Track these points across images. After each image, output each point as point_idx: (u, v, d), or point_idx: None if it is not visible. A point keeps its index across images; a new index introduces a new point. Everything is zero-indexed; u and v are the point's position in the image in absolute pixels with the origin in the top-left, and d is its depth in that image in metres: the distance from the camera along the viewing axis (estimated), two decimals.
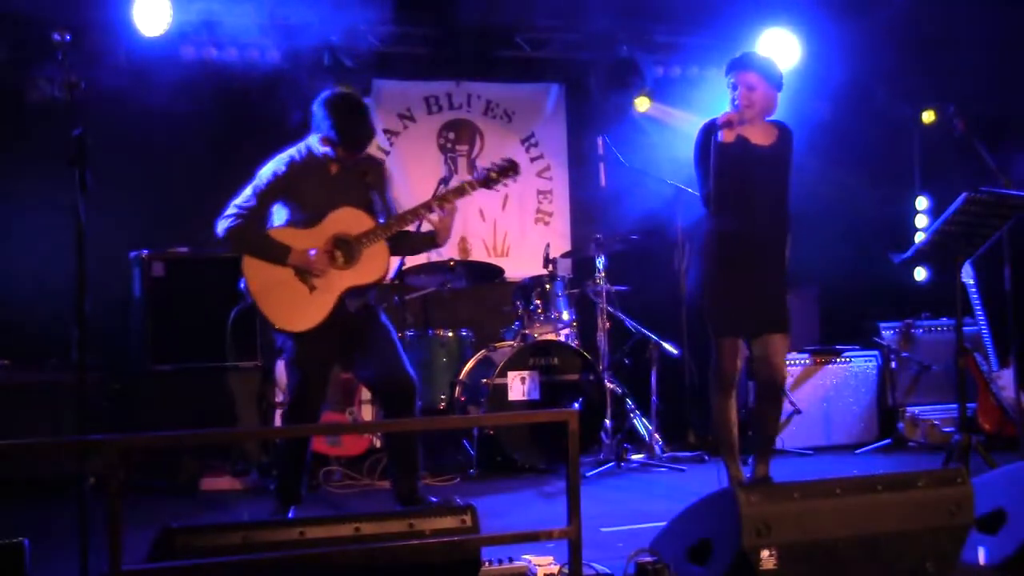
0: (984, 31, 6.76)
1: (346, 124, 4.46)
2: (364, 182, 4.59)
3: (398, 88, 7.74)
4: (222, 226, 4.49)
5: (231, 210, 4.50)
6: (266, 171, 4.55)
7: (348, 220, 4.51)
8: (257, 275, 4.46)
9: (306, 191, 4.51)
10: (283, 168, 4.53)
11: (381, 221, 4.56)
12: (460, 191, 4.61)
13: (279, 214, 4.56)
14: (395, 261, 5.79)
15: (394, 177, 4.89)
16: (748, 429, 6.45)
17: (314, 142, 4.55)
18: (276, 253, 4.44)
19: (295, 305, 4.44)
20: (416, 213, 4.56)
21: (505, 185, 4.74)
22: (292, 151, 4.60)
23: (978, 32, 6.79)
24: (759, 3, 7.09)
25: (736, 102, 4.81)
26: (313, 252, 4.43)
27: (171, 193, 6.87)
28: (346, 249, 4.49)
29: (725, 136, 4.75)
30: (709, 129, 4.86)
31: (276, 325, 4.45)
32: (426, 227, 4.80)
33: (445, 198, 4.58)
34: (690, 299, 4.97)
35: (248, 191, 4.53)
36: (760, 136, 4.86)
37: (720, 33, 7.34)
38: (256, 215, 4.50)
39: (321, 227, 4.50)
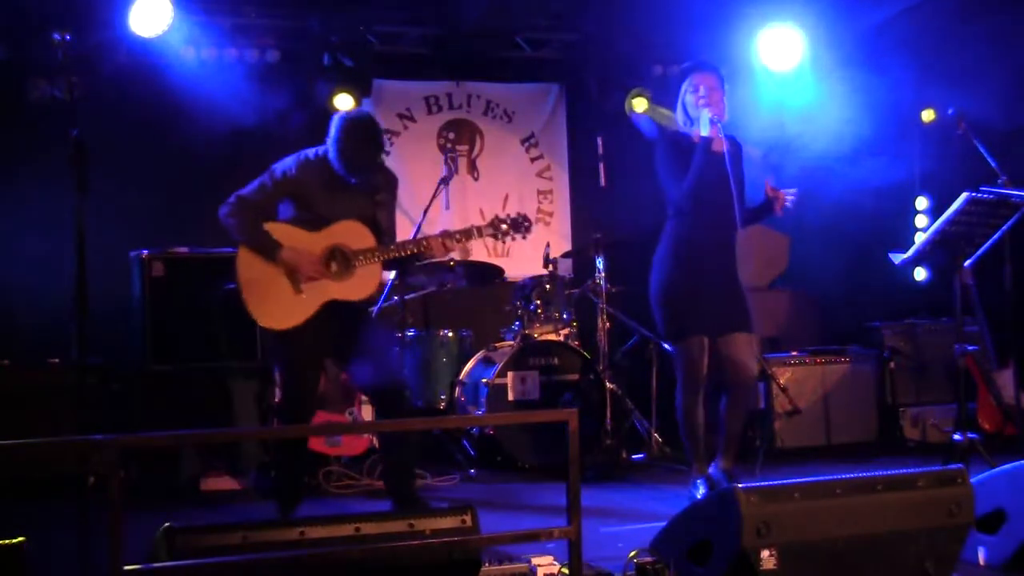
0: (991, 34, 6.75)
1: (347, 147, 4.47)
2: (374, 199, 4.61)
3: (398, 88, 7.74)
4: (223, 211, 4.52)
5: (234, 198, 4.52)
6: (278, 168, 4.57)
7: (351, 233, 4.53)
8: (248, 267, 4.48)
9: (314, 195, 4.52)
10: (294, 170, 4.54)
11: (383, 241, 4.57)
12: (468, 234, 4.65)
13: (286, 210, 4.57)
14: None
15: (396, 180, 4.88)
16: (747, 430, 6.50)
17: (330, 145, 4.56)
18: (268, 247, 4.45)
19: (276, 302, 4.45)
20: (419, 245, 4.58)
21: (513, 239, 4.82)
22: (310, 152, 4.61)
23: (986, 35, 6.78)
24: (758, 3, 7.08)
25: (704, 99, 4.88)
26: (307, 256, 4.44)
27: (171, 193, 6.87)
28: (342, 261, 4.51)
29: (699, 135, 4.83)
30: (675, 133, 4.99)
31: (254, 319, 4.49)
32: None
33: (452, 238, 4.59)
34: (655, 298, 4.98)
35: (256, 183, 4.55)
36: (716, 140, 4.91)
37: (719, 32, 7.33)
38: (259, 207, 4.51)
39: (323, 233, 4.51)
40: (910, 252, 5.09)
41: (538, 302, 6.41)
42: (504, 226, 4.72)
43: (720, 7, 6.95)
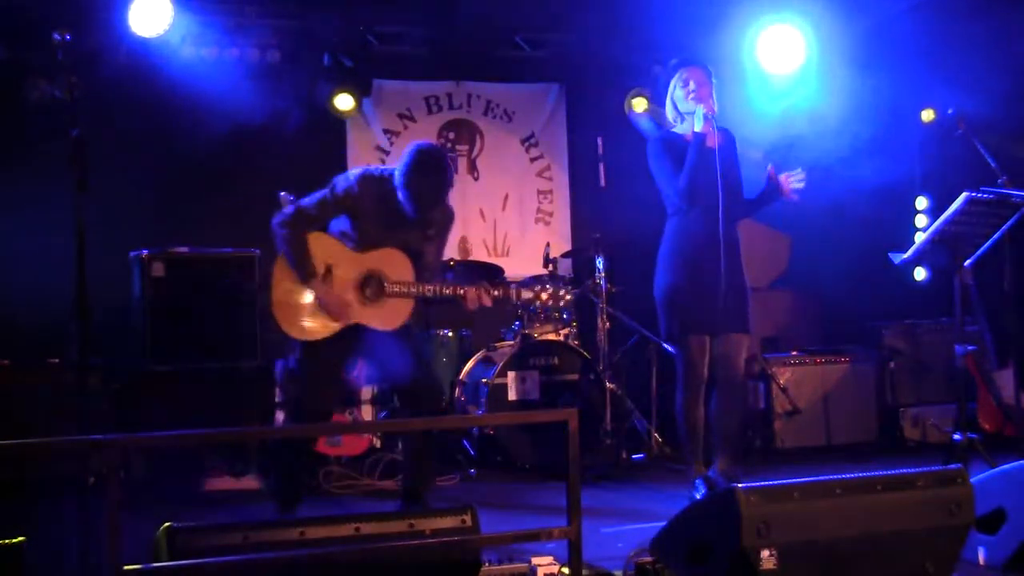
0: (992, 34, 6.75)
1: (415, 180, 4.37)
2: (426, 233, 4.58)
3: (398, 88, 7.74)
4: (277, 219, 4.49)
5: (292, 208, 4.50)
6: (340, 184, 4.52)
7: (393, 262, 4.52)
8: (284, 275, 4.48)
9: (369, 216, 4.49)
10: (356, 188, 4.48)
11: (423, 276, 4.55)
12: (507, 291, 4.66)
13: (339, 223, 4.56)
14: None
15: None
16: (748, 429, 6.50)
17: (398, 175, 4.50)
18: (304, 271, 4.43)
19: (302, 313, 4.46)
20: (455, 291, 4.57)
21: (551, 302, 4.84)
22: (374, 169, 4.58)
23: (986, 35, 6.78)
24: (758, 2, 7.08)
25: (694, 94, 4.87)
26: (329, 297, 4.45)
27: (171, 193, 6.87)
28: (376, 288, 4.49)
29: (692, 132, 4.82)
30: (668, 132, 5.00)
31: (279, 325, 4.47)
32: None
33: (488, 293, 4.59)
34: (658, 299, 4.97)
35: (318, 197, 4.51)
36: (710, 135, 4.88)
37: (719, 32, 7.33)
38: (315, 221, 4.50)
39: (366, 256, 4.50)
40: (910, 252, 5.10)
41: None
42: (544, 295, 4.75)
43: (720, 7, 6.95)
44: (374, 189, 4.49)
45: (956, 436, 4.93)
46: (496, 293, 4.62)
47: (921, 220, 8.00)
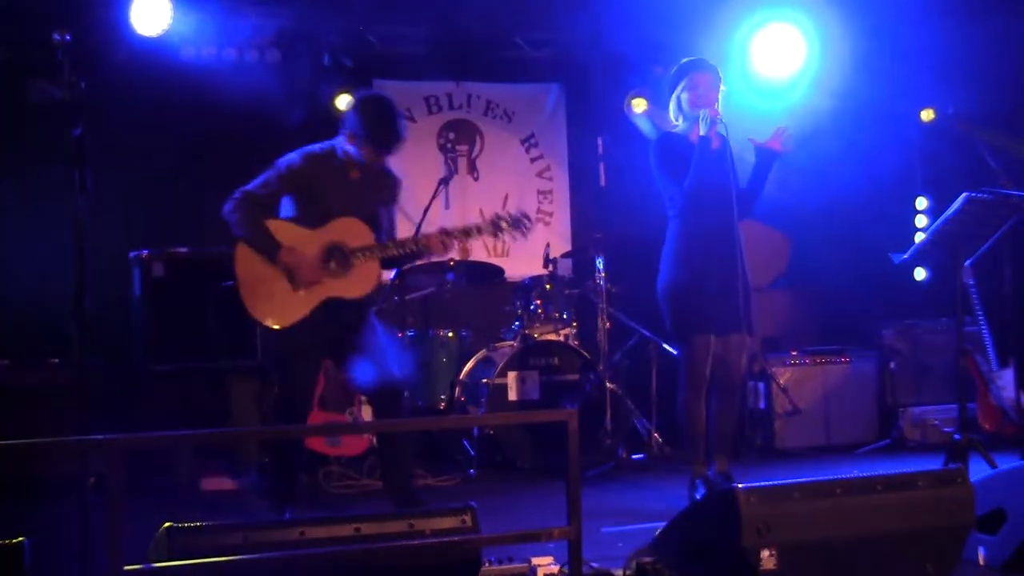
0: (992, 34, 6.75)
1: (377, 123, 4.45)
2: (377, 196, 4.60)
3: (398, 88, 7.72)
4: (227, 206, 4.50)
5: (239, 193, 4.50)
6: (283, 162, 4.55)
7: (350, 230, 4.51)
8: (247, 264, 4.45)
9: (318, 190, 4.50)
10: (299, 161, 4.52)
11: (382, 239, 4.56)
12: (466, 232, 4.61)
13: (287, 208, 4.55)
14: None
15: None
16: (745, 430, 6.50)
17: (340, 142, 4.54)
18: (268, 247, 4.42)
19: (274, 300, 4.43)
20: (417, 243, 4.57)
21: (514, 239, 4.77)
22: (316, 146, 4.60)
23: (986, 34, 6.77)
24: (759, 3, 7.09)
25: (703, 98, 4.88)
26: (306, 258, 4.42)
27: (171, 193, 6.87)
28: (340, 258, 4.48)
29: (696, 133, 4.82)
30: (670, 134, 4.99)
31: (253, 315, 4.45)
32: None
33: (450, 236, 4.57)
34: (663, 298, 4.95)
35: (261, 178, 4.53)
36: (715, 138, 4.90)
37: (720, 32, 7.34)
38: (263, 202, 4.50)
39: (322, 230, 4.49)
40: (909, 252, 5.10)
41: (538, 302, 6.41)
42: (504, 223, 4.66)
43: (720, 8, 6.96)
44: (318, 160, 4.52)
45: (956, 436, 4.93)
46: (457, 236, 4.59)
47: (921, 220, 8.00)
